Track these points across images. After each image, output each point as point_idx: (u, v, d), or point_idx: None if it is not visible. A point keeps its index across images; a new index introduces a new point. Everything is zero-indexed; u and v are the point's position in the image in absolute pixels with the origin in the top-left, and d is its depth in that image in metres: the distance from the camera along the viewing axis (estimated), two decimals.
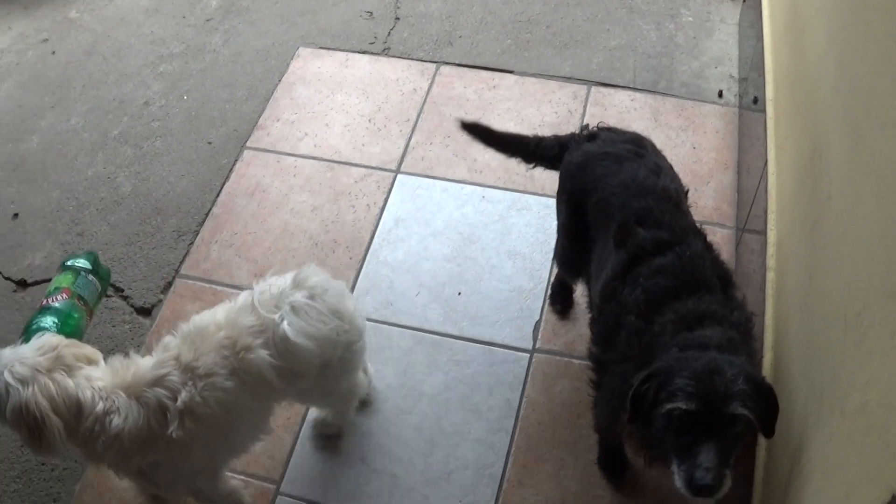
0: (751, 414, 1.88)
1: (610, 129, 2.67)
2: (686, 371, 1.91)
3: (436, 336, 3.08)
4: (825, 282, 1.94)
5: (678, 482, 1.94)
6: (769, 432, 1.98)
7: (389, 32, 4.12)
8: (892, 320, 1.44)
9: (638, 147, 2.54)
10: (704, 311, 2.13)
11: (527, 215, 3.40)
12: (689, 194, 2.59)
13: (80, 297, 3.09)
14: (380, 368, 3.00)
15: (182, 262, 3.33)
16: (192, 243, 3.39)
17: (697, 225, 2.42)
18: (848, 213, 1.83)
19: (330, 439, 2.85)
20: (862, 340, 1.59)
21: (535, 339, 3.06)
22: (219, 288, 3.23)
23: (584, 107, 3.73)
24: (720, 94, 3.75)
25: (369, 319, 3.08)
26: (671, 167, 2.57)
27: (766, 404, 1.94)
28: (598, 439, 2.73)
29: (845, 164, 1.91)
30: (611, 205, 2.41)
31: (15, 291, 3.34)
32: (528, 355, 3.02)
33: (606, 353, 2.34)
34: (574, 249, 2.70)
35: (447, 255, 3.29)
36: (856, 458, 1.54)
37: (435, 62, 3.96)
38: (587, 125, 2.73)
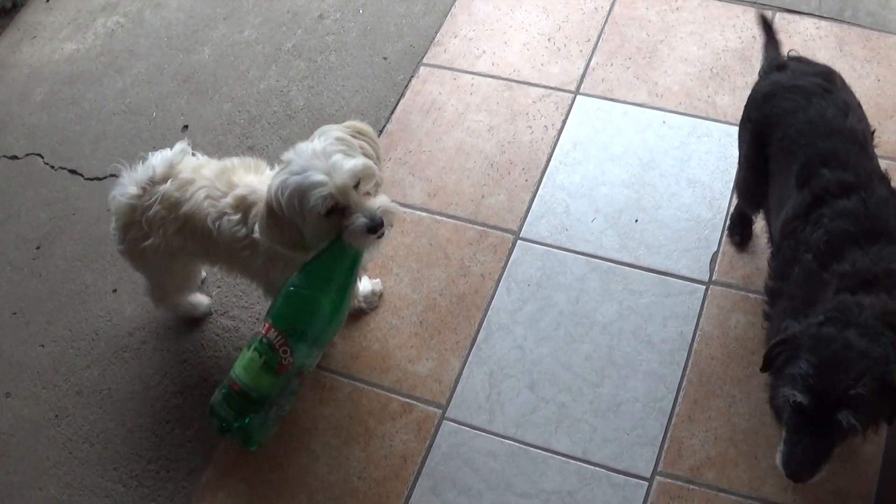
0: (860, 424, 1.87)
1: (800, 60, 2.57)
2: (813, 357, 1.89)
3: (610, 263, 3.02)
4: None
5: (777, 457, 2.00)
6: (892, 421, 1.96)
7: None
8: None
9: (827, 82, 2.45)
10: (879, 271, 2.06)
11: (708, 142, 3.28)
12: (874, 130, 2.48)
13: None
14: (552, 294, 2.97)
15: None
16: None
17: (882, 169, 2.33)
18: None
19: (498, 366, 2.86)
20: None
21: (711, 270, 2.98)
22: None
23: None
24: None
25: (543, 244, 3.07)
26: (859, 105, 2.47)
27: (890, 401, 1.91)
28: None
29: None
30: (795, 142, 2.35)
31: None
32: (704, 287, 2.94)
33: (782, 286, 2.29)
34: (754, 181, 2.63)
35: (625, 181, 3.22)
36: None
37: None
38: (778, 53, 2.65)
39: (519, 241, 3.09)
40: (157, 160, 2.58)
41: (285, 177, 2.29)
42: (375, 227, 2.31)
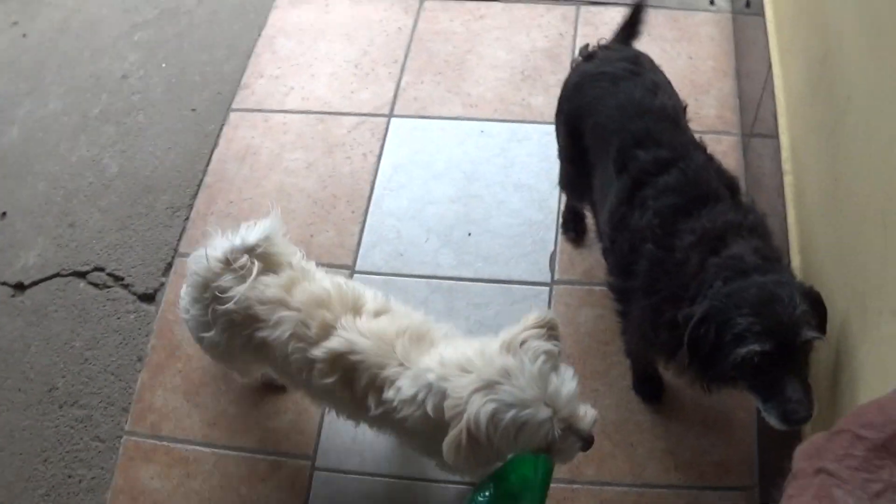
0: (818, 333, 1.85)
1: (608, 48, 2.58)
2: (744, 308, 1.85)
3: (451, 281, 2.98)
4: (855, 184, 1.89)
5: (771, 419, 1.89)
6: (823, 333, 1.92)
7: None
8: None
9: (634, 65, 2.46)
10: (721, 225, 2.06)
11: (528, 145, 3.28)
12: (690, 105, 2.50)
13: None
14: None
15: (179, 239, 3.19)
16: (187, 218, 3.24)
17: (697, 138, 2.35)
18: (876, 111, 1.76)
19: None
20: None
21: (552, 270, 2.96)
22: None
23: (575, 28, 3.62)
24: (711, 2, 3.64)
25: (380, 273, 2.99)
26: (669, 83, 2.49)
27: (819, 311, 1.90)
28: (630, 364, 2.67)
29: (866, 62, 1.85)
30: (608, 129, 2.34)
31: (13, 296, 3.17)
32: (548, 288, 2.93)
33: (628, 283, 2.25)
34: (575, 174, 2.64)
35: (452, 197, 3.18)
36: None
37: None
38: (587, 45, 2.62)
39: (356, 275, 3.01)
40: (252, 233, 2.23)
41: (495, 406, 1.90)
42: (589, 445, 2.00)
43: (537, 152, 3.24)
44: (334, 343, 2.09)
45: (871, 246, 1.74)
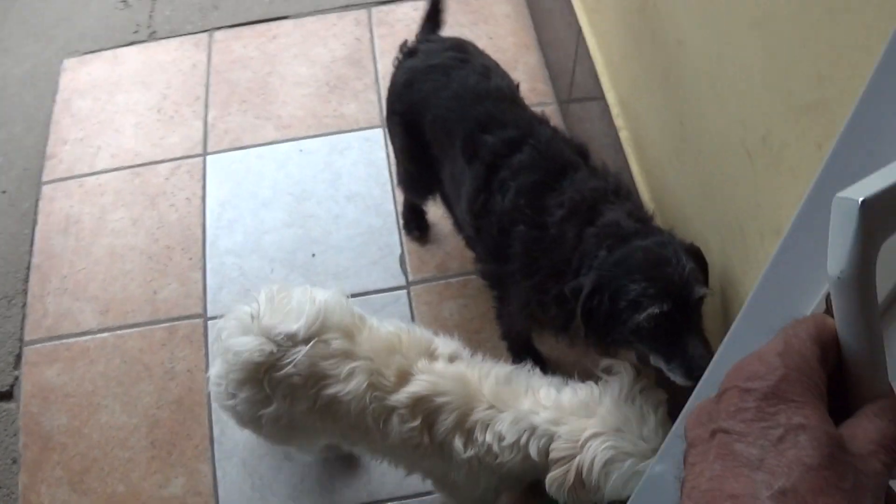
0: (707, 287, 1.90)
1: (429, 40, 2.57)
2: (635, 274, 1.87)
3: None
4: (705, 121, 1.93)
5: (676, 378, 1.91)
6: (705, 282, 1.99)
7: (150, 15, 3.87)
8: (813, 132, 1.45)
9: (461, 52, 2.47)
10: (589, 193, 2.08)
11: (350, 154, 3.29)
12: (518, 83, 2.52)
13: None
14: None
15: (22, 328, 3.05)
16: (24, 304, 3.11)
17: (540, 113, 2.38)
18: (714, 47, 1.81)
19: (249, 453, 2.72)
20: (778, 161, 1.60)
21: (405, 272, 2.98)
22: (71, 341, 2.99)
23: (371, 30, 3.63)
24: None
25: None
26: (497, 64, 2.51)
27: (701, 265, 1.96)
28: (507, 346, 2.70)
29: (691, 5, 1.89)
30: (449, 120, 2.34)
31: None
32: (405, 291, 2.95)
33: (504, 267, 2.25)
34: (418, 171, 2.64)
35: (287, 221, 3.16)
36: None
37: (206, 31, 3.75)
38: (405, 41, 2.61)
39: (209, 322, 2.96)
40: (306, 317, 2.00)
41: (613, 453, 1.87)
42: None
43: (361, 159, 3.26)
44: (416, 387, 1.98)
45: (738, 175, 1.78)
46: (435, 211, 2.98)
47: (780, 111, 1.57)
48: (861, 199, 0.60)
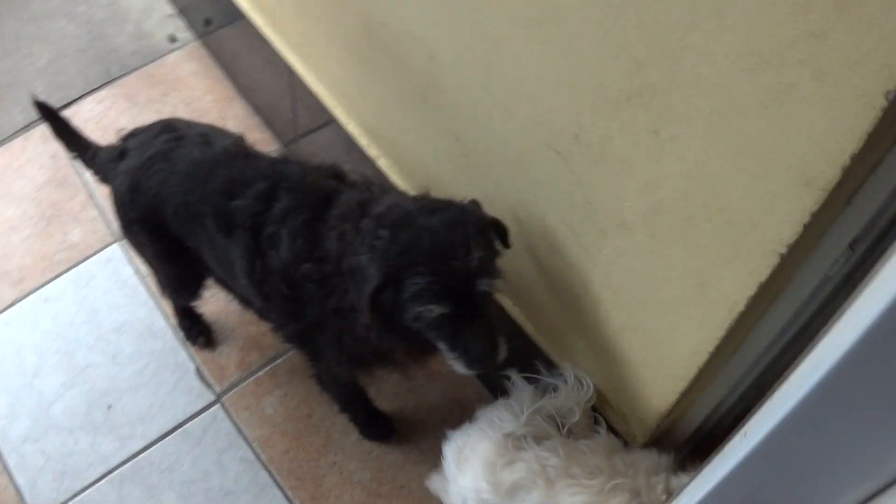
0: (493, 281, 1.84)
1: (133, 135, 2.35)
2: (420, 266, 1.76)
3: (129, 464, 2.71)
4: (490, 132, 1.90)
5: (457, 367, 1.89)
6: (507, 245, 1.96)
7: None
8: (643, 120, 1.44)
9: (172, 131, 2.28)
10: (355, 206, 1.96)
11: (97, 284, 3.03)
12: (242, 134, 2.36)
13: None
14: None
15: None
16: None
17: (279, 153, 2.29)
18: (482, 60, 1.78)
19: None
20: (603, 156, 1.59)
21: (209, 386, 2.81)
22: None
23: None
24: (172, 39, 3.48)
25: None
26: (212, 125, 2.35)
27: (500, 231, 1.93)
28: (349, 417, 2.65)
29: (433, 15, 1.85)
30: (191, 203, 2.17)
31: None
32: (219, 405, 2.78)
33: (304, 321, 2.14)
34: (180, 271, 2.48)
35: (66, 382, 2.87)
36: (682, 253, 1.58)
37: None
38: (108, 146, 2.43)
39: None
40: None
41: None
42: None
43: (111, 285, 3.01)
44: None
45: (553, 179, 1.78)
46: (208, 307, 2.83)
47: (590, 106, 1.54)
48: None
